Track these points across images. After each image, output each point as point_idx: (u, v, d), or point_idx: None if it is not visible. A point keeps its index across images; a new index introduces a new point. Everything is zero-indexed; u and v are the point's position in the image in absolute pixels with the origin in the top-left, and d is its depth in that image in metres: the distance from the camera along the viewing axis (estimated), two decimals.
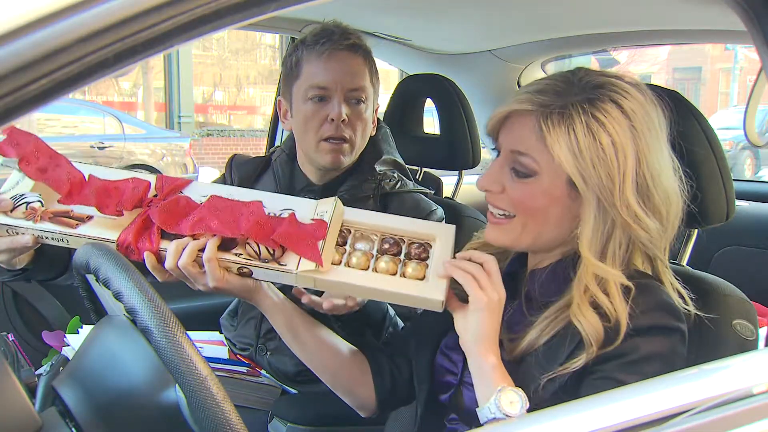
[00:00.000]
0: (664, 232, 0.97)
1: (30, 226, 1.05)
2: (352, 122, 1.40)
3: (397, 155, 1.58)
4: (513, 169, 0.98)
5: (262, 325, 1.51)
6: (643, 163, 0.93)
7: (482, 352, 0.95)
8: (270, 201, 1.09)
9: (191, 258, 1.01)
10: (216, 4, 0.63)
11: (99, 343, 0.86)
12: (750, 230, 2.05)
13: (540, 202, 0.97)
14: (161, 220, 1.03)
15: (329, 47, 1.37)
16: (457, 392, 1.06)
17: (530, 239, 1.00)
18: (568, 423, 0.73)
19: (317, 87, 1.38)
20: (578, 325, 0.92)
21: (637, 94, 0.96)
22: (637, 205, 0.93)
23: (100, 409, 0.76)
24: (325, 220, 1.06)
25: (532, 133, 0.95)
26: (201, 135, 12.36)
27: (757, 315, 1.07)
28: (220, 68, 14.87)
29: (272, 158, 1.57)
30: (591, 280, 0.94)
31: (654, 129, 0.95)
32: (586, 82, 0.96)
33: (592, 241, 0.94)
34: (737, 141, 10.02)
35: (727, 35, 1.72)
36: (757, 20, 0.91)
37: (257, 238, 1.01)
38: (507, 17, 1.82)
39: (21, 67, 0.57)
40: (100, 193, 1.06)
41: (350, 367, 1.14)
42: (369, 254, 1.05)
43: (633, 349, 0.91)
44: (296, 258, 1.02)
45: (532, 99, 0.96)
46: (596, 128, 0.92)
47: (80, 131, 8.90)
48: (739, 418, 0.75)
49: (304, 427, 1.39)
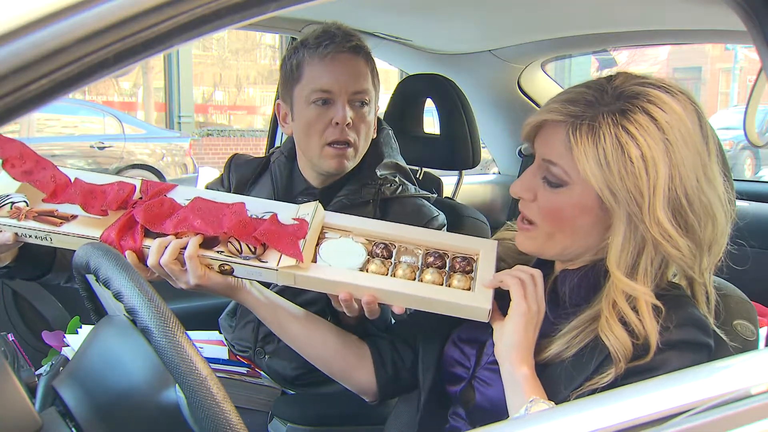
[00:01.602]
0: (700, 253, 0.93)
1: (14, 223, 1.07)
2: (356, 125, 1.38)
3: (399, 158, 1.55)
4: (545, 178, 0.97)
5: (260, 329, 1.49)
6: (676, 179, 0.89)
7: (515, 361, 0.94)
8: (252, 204, 1.12)
9: (173, 255, 1.03)
10: (216, 4, 0.63)
11: (99, 343, 0.86)
12: (750, 230, 2.05)
13: (568, 213, 0.95)
14: (145, 219, 1.06)
15: (332, 49, 1.35)
16: (468, 387, 1.06)
17: (558, 249, 0.99)
18: (568, 423, 0.73)
19: (321, 90, 1.35)
20: (606, 342, 0.91)
21: (674, 106, 0.91)
22: (668, 222, 0.89)
23: (100, 409, 0.76)
24: (306, 219, 1.09)
25: (562, 144, 0.94)
26: (201, 135, 12.36)
27: (757, 315, 1.07)
28: (220, 68, 14.88)
29: (270, 160, 1.55)
30: (620, 296, 0.92)
31: (692, 143, 0.91)
32: (621, 92, 0.93)
33: (621, 257, 0.92)
34: (737, 141, 10.01)
35: (727, 35, 1.72)
36: (757, 20, 0.91)
37: (239, 235, 1.04)
38: (507, 17, 1.81)
39: (21, 67, 0.57)
40: (85, 194, 1.09)
41: (345, 354, 1.14)
42: (415, 267, 1.07)
43: (663, 363, 0.89)
44: (277, 255, 1.04)
45: (563, 109, 0.94)
46: (625, 140, 0.89)
47: (80, 131, 8.89)
48: (739, 418, 0.75)
49: (304, 428, 1.39)
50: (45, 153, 7.17)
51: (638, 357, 0.90)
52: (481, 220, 1.67)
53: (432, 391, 1.10)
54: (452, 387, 1.08)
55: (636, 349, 0.90)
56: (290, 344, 1.14)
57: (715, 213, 0.93)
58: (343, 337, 1.15)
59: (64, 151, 8.40)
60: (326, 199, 1.42)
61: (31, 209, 1.09)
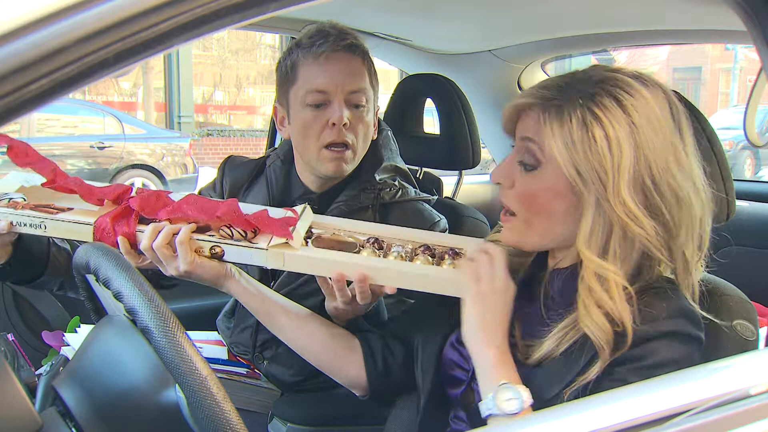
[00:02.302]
0: (668, 236, 0.95)
1: (10, 212, 1.11)
2: (354, 126, 1.35)
3: (399, 160, 1.53)
4: (521, 161, 0.99)
5: (258, 335, 1.47)
6: (641, 160, 0.91)
7: (480, 345, 0.96)
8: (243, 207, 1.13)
9: (166, 240, 1.06)
10: (216, 4, 0.63)
11: (99, 343, 0.86)
12: (750, 230, 2.06)
13: (543, 197, 0.97)
14: (140, 206, 1.10)
15: (326, 48, 1.32)
16: (468, 389, 1.05)
17: (537, 237, 1.00)
18: (568, 423, 0.73)
19: (316, 91, 1.33)
20: (586, 329, 0.91)
21: (643, 91, 0.94)
22: (632, 202, 0.91)
23: (100, 409, 0.76)
24: (296, 210, 1.13)
25: (536, 124, 0.97)
26: (201, 135, 12.35)
27: (757, 315, 1.07)
28: (220, 68, 14.87)
29: (266, 164, 1.51)
30: (593, 279, 0.93)
31: (661, 128, 0.93)
32: (590, 77, 0.96)
33: (590, 237, 0.94)
34: (737, 141, 10.02)
35: (727, 35, 1.72)
36: (757, 20, 0.91)
37: (232, 220, 1.08)
38: (507, 17, 1.81)
39: (21, 67, 0.57)
40: (83, 186, 1.14)
41: (334, 345, 1.15)
42: (405, 255, 1.09)
43: (651, 353, 0.90)
44: (267, 238, 1.07)
45: (536, 93, 0.98)
46: (590, 120, 0.91)
47: (80, 131, 8.90)
48: (739, 418, 0.75)
49: (304, 428, 1.39)
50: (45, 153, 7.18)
51: (622, 345, 0.90)
52: (481, 220, 1.67)
53: (432, 393, 1.10)
54: (452, 390, 1.08)
55: (618, 337, 0.90)
56: (279, 335, 1.15)
57: (685, 198, 0.94)
58: (333, 329, 1.16)
59: (64, 151, 8.40)
60: (324, 204, 1.41)
61: (29, 203, 1.13)
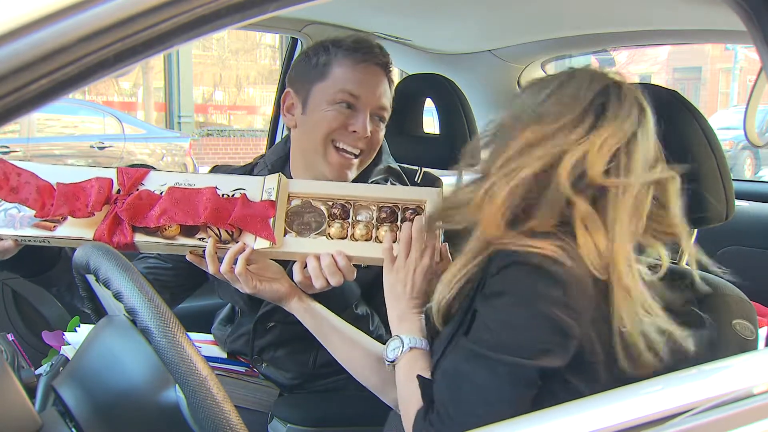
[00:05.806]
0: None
1: (11, 233, 1.18)
2: (371, 139, 1.36)
3: (391, 160, 1.52)
4: None
5: (255, 343, 1.46)
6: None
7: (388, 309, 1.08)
8: (223, 182, 1.22)
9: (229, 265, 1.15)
10: (216, 4, 0.63)
11: (99, 343, 0.86)
12: (750, 230, 2.06)
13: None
14: (128, 216, 1.16)
15: (370, 59, 1.34)
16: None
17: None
18: (568, 423, 0.73)
19: (350, 93, 1.33)
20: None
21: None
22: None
23: (100, 409, 0.76)
24: (272, 199, 1.20)
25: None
26: (201, 135, 12.35)
27: (757, 315, 1.08)
28: (220, 68, 14.86)
29: (253, 171, 1.47)
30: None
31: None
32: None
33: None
34: (737, 141, 10.01)
35: (727, 35, 1.72)
36: (757, 20, 0.91)
37: (216, 223, 1.16)
38: (507, 17, 1.82)
39: (21, 67, 0.57)
40: (69, 198, 1.17)
41: (379, 371, 1.14)
42: (370, 224, 1.20)
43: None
44: (252, 235, 1.17)
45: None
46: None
47: (80, 131, 8.89)
48: (739, 418, 0.75)
49: (303, 428, 1.39)
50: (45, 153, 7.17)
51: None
52: None
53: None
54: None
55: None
56: (333, 355, 1.20)
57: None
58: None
59: (64, 151, 8.40)
60: None
61: (24, 215, 1.18)
